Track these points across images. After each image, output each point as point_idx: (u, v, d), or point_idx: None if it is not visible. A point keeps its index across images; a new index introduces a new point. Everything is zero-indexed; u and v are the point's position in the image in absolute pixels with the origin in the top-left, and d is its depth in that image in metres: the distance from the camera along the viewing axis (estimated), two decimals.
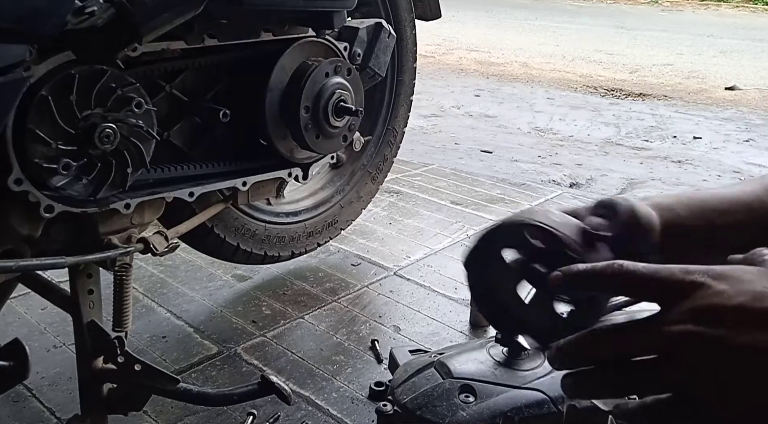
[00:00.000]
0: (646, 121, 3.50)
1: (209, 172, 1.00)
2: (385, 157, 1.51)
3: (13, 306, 1.25)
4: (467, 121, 3.37)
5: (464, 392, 0.89)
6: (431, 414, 0.87)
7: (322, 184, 1.45)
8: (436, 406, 0.88)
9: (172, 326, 1.24)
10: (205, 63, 0.97)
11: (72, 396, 0.99)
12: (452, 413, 0.87)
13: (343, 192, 1.46)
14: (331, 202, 1.44)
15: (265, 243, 1.30)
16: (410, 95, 1.51)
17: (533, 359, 0.93)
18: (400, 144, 1.55)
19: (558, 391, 0.87)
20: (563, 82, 4.51)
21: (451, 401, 0.88)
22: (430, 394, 0.90)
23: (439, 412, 0.87)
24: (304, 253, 1.42)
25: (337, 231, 1.48)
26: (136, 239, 0.89)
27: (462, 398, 0.88)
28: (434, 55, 5.22)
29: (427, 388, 0.90)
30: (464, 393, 0.89)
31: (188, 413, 0.99)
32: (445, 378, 0.91)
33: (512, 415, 0.86)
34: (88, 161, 0.77)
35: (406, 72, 1.47)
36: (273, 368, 1.12)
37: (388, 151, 1.51)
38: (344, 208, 1.46)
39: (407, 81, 1.48)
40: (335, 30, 1.09)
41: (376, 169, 1.50)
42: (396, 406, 0.90)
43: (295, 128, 1.05)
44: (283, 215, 1.35)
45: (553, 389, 0.88)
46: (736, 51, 6.12)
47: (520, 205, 1.98)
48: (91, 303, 0.86)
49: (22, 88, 0.70)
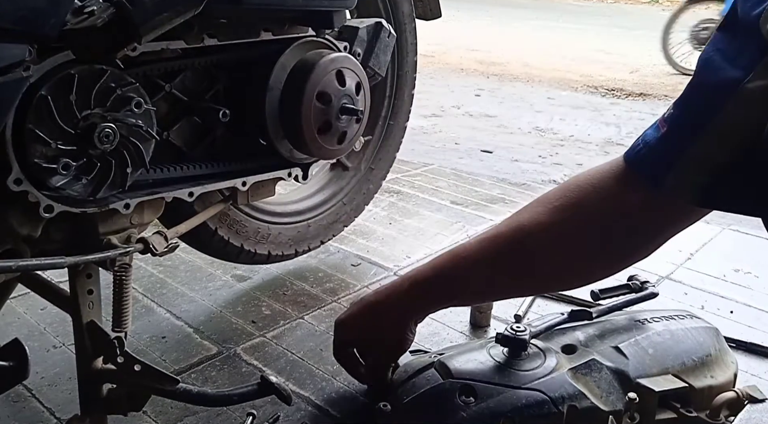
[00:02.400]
0: (647, 121, 3.50)
1: (209, 172, 1.00)
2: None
3: (13, 306, 1.25)
4: (467, 121, 3.37)
5: (464, 393, 0.88)
6: (431, 415, 0.87)
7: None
8: (437, 407, 0.88)
9: (171, 326, 1.24)
10: (205, 63, 0.97)
11: (72, 396, 0.99)
12: (452, 414, 0.86)
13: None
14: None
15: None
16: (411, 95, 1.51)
17: (533, 359, 0.93)
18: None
19: (558, 391, 0.87)
20: (563, 81, 4.51)
21: (451, 402, 0.87)
22: (430, 394, 0.89)
23: (439, 413, 0.87)
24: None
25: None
26: (135, 239, 0.89)
27: (462, 399, 0.88)
28: (434, 55, 5.22)
29: (427, 389, 0.90)
30: (464, 394, 0.88)
31: (188, 413, 0.99)
32: (445, 379, 0.91)
33: (512, 415, 0.85)
34: (88, 161, 0.77)
35: (406, 71, 1.47)
36: (273, 369, 1.12)
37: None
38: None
39: (407, 80, 1.48)
40: (335, 29, 1.09)
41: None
42: (395, 406, 0.90)
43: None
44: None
45: (553, 390, 0.88)
46: None
47: (520, 205, 1.97)
48: (91, 303, 0.86)
49: (21, 88, 0.70)
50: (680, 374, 0.91)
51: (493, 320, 1.29)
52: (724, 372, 0.95)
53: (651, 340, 0.95)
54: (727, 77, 0.57)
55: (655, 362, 0.92)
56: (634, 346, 0.94)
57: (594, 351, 0.93)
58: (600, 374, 0.90)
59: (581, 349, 0.94)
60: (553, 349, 0.94)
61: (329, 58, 1.03)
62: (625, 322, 0.99)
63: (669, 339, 0.96)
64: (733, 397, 0.90)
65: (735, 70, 0.57)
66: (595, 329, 0.97)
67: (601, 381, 0.90)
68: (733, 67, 0.57)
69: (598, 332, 0.97)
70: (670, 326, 0.99)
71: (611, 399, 0.88)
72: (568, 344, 0.95)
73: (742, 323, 1.32)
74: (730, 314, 1.36)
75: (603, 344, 0.95)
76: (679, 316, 1.02)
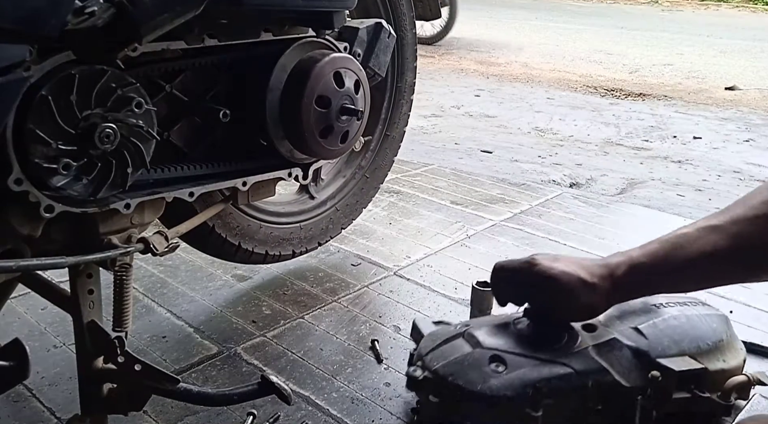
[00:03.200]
0: (646, 121, 3.50)
1: (209, 172, 1.00)
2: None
3: (13, 306, 1.25)
4: (467, 121, 3.37)
5: (494, 362, 0.92)
6: (463, 381, 0.89)
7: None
8: (468, 373, 0.90)
9: (172, 326, 1.24)
10: (205, 63, 0.97)
11: (72, 396, 0.99)
12: (484, 381, 0.89)
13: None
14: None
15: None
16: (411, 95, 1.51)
17: (558, 335, 0.96)
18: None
19: (584, 366, 0.92)
20: (563, 82, 4.51)
21: (482, 370, 0.91)
22: (461, 362, 0.92)
23: (471, 379, 0.89)
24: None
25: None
26: (136, 238, 0.89)
27: (492, 367, 0.91)
28: (434, 55, 5.22)
29: (458, 356, 0.93)
30: (494, 362, 0.92)
31: (188, 413, 0.99)
32: (474, 348, 0.94)
33: (541, 386, 0.88)
34: (88, 161, 0.77)
35: (407, 72, 1.47)
36: (273, 368, 1.12)
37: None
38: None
39: (408, 82, 1.48)
40: (335, 30, 1.09)
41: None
42: (427, 372, 0.92)
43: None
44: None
45: (579, 364, 0.92)
46: (736, 51, 6.12)
47: (520, 205, 1.98)
48: (91, 303, 0.86)
49: (22, 88, 0.70)
50: (696, 357, 0.95)
51: None
52: (735, 357, 0.99)
53: (668, 323, 0.98)
54: None
55: (672, 344, 0.96)
56: (652, 328, 0.97)
57: (614, 330, 0.98)
58: (621, 352, 0.95)
59: (601, 328, 0.99)
60: (574, 326, 0.98)
61: (329, 59, 1.04)
62: (641, 305, 1.03)
63: (685, 323, 0.99)
64: (744, 381, 0.94)
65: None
66: (614, 311, 1.01)
67: (622, 359, 0.94)
68: None
69: (617, 314, 1.01)
70: (685, 311, 1.02)
71: (632, 376, 0.93)
72: (589, 323, 1.00)
73: (742, 323, 1.33)
74: (730, 313, 1.36)
75: (622, 324, 0.99)
76: (691, 302, 1.06)
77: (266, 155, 1.08)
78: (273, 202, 1.33)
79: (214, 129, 1.02)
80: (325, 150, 1.09)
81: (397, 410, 1.03)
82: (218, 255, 1.29)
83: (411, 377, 0.92)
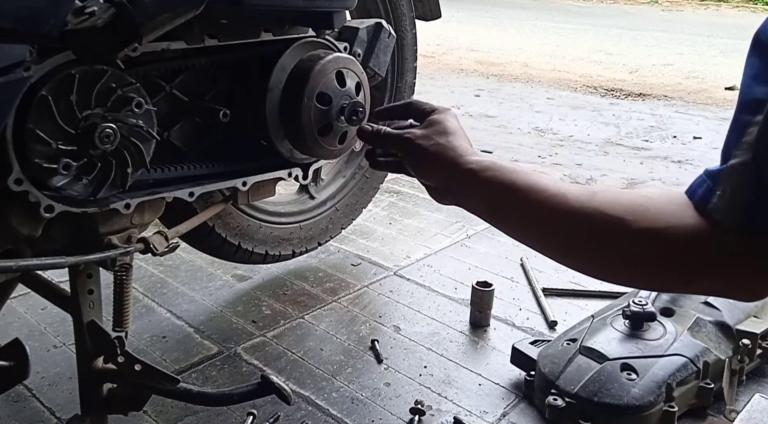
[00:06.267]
0: (646, 121, 3.50)
1: (209, 172, 1.00)
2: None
3: (13, 306, 1.25)
4: (467, 121, 3.37)
5: (625, 370, 0.96)
6: (609, 397, 0.93)
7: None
8: (609, 389, 0.94)
9: (172, 326, 1.24)
10: (205, 63, 0.97)
11: (72, 396, 0.99)
12: (627, 392, 0.93)
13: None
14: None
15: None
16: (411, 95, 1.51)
17: (655, 328, 1.01)
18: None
19: (692, 351, 0.98)
20: (563, 82, 4.51)
21: (620, 382, 0.94)
22: (598, 379, 0.95)
23: (614, 394, 0.93)
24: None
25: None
26: (136, 238, 0.89)
27: (626, 376, 0.95)
28: (434, 55, 5.22)
29: (593, 374, 0.96)
30: (625, 371, 0.96)
31: (188, 413, 0.99)
32: (601, 362, 0.97)
33: (671, 382, 0.93)
34: (88, 161, 0.77)
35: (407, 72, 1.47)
36: (273, 368, 1.12)
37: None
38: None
39: (408, 81, 1.48)
40: (335, 30, 1.09)
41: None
42: (567, 397, 0.94)
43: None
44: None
45: (688, 350, 0.98)
46: (736, 51, 6.12)
47: None
48: (91, 303, 0.86)
49: (22, 88, 0.70)
50: (757, 315, 1.05)
51: (493, 320, 1.30)
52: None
53: None
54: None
55: (738, 309, 1.04)
56: (717, 298, 1.04)
57: (690, 310, 1.03)
58: (707, 328, 1.02)
59: (677, 309, 1.04)
60: (657, 315, 1.04)
61: (329, 59, 1.04)
62: None
63: None
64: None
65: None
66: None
67: (711, 335, 1.01)
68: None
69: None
70: None
71: (722, 347, 1.01)
72: (665, 308, 1.04)
73: None
74: None
75: (692, 301, 1.05)
76: None
77: (266, 155, 1.08)
78: (273, 202, 1.33)
79: (214, 129, 1.02)
80: (325, 150, 1.09)
81: (397, 411, 1.03)
82: (218, 255, 1.29)
83: (552, 406, 0.93)
